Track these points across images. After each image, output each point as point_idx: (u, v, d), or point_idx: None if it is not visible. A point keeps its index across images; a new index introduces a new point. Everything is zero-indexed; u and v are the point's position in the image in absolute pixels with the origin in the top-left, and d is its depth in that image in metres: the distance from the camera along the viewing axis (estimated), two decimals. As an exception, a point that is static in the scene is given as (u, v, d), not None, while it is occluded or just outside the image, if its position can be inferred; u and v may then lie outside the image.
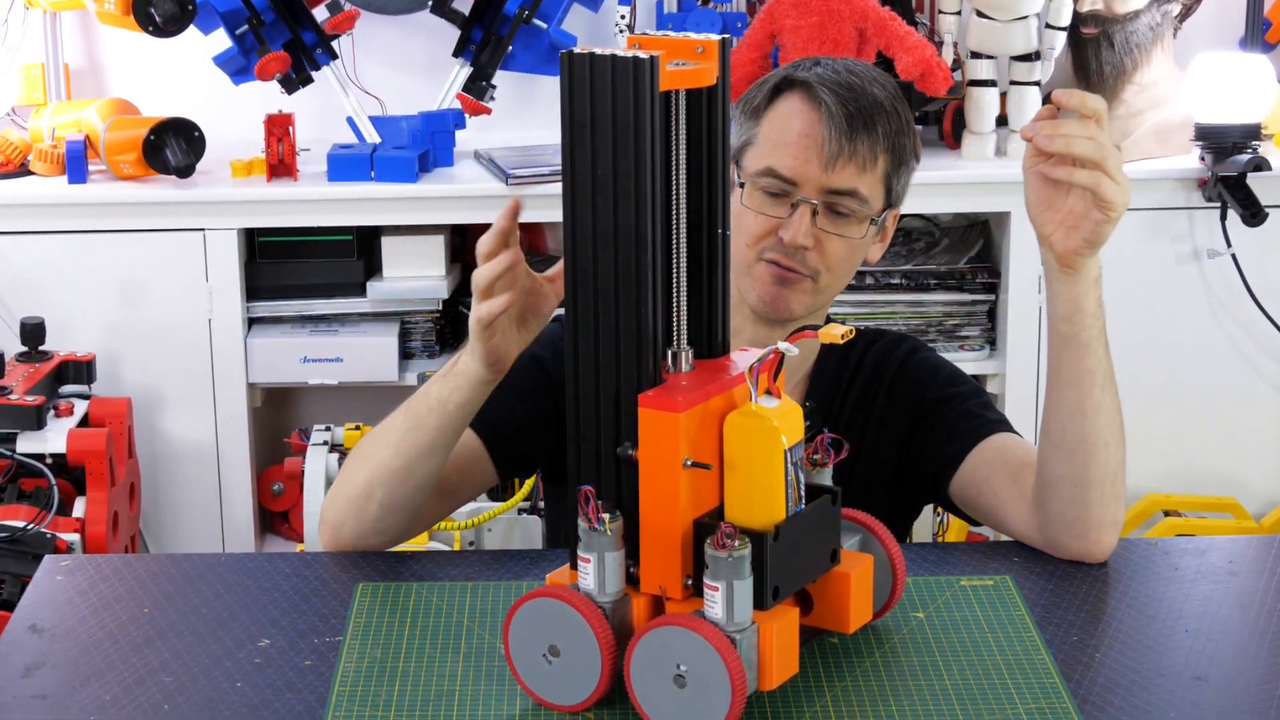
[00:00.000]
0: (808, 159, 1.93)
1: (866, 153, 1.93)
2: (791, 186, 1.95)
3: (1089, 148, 1.72)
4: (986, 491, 1.94)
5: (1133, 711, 1.57)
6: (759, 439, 1.50)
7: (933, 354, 2.11)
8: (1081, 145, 1.72)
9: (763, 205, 1.96)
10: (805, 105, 1.95)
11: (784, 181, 1.95)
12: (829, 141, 1.92)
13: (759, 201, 1.96)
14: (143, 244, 3.25)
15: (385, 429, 1.89)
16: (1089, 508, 1.82)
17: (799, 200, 1.94)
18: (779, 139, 1.95)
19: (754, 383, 1.51)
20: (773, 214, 1.95)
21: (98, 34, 3.59)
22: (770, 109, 1.98)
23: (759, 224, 1.96)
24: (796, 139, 1.94)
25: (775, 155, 1.95)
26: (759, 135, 1.98)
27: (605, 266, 1.49)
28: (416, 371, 3.32)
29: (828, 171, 1.93)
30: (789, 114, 1.96)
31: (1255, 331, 3.37)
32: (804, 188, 1.94)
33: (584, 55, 1.47)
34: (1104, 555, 1.84)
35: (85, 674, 1.64)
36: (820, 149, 1.93)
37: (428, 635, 1.72)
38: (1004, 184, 3.32)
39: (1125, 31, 3.36)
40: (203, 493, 3.36)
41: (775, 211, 1.96)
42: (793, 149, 1.94)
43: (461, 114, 3.39)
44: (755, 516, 1.51)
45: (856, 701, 1.58)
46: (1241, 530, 3.35)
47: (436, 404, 1.83)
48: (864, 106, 1.93)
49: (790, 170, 1.94)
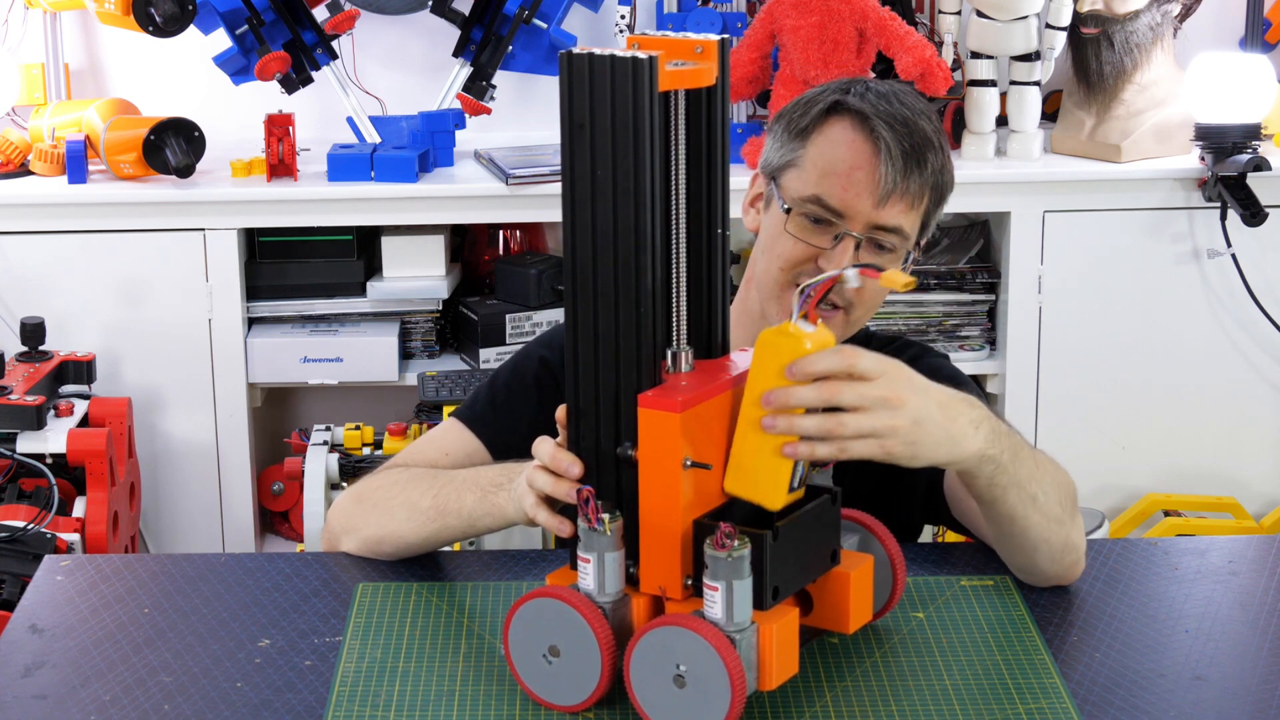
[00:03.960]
0: (859, 193, 1.87)
1: (916, 191, 1.88)
2: (838, 218, 1.89)
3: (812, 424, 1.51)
4: (968, 512, 1.88)
5: (1133, 711, 1.57)
6: (789, 356, 1.49)
7: (935, 359, 2.05)
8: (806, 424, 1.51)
9: (805, 232, 1.90)
10: (859, 136, 1.88)
11: (831, 212, 1.89)
12: (885, 180, 1.86)
13: (801, 227, 1.90)
14: (143, 244, 3.25)
15: (408, 496, 1.87)
16: (1043, 572, 1.79)
17: (844, 233, 1.88)
18: (829, 168, 1.89)
19: (799, 303, 1.50)
20: (814, 242, 1.90)
21: (98, 34, 3.59)
22: (818, 132, 1.90)
23: (797, 250, 1.91)
24: (849, 171, 1.88)
25: (824, 184, 1.89)
26: (805, 159, 1.91)
27: (605, 266, 1.49)
28: (416, 371, 3.32)
29: (879, 208, 1.87)
30: (841, 142, 1.89)
31: (1255, 331, 3.37)
32: (851, 221, 1.88)
33: (583, 55, 1.47)
34: (1075, 578, 1.82)
35: (85, 674, 1.64)
36: (875, 185, 1.87)
37: (428, 635, 1.72)
38: (1004, 184, 3.32)
39: (1125, 31, 3.36)
40: (203, 493, 3.36)
41: (818, 240, 1.90)
42: (844, 180, 1.88)
43: (461, 114, 3.39)
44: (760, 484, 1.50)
45: (856, 701, 1.58)
46: (1241, 530, 3.35)
47: (467, 517, 1.82)
48: (918, 144, 1.88)
49: (840, 202, 1.88)
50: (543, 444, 1.60)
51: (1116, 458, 3.42)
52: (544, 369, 2.03)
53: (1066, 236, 3.32)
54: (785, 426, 1.49)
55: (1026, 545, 1.74)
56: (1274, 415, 3.43)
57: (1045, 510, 1.71)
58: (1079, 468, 3.29)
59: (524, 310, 3.40)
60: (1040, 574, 1.79)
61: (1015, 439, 1.68)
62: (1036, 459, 1.71)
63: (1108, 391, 3.39)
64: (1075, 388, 3.38)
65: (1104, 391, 3.39)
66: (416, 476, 1.89)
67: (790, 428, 1.49)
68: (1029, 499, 1.69)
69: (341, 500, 1.95)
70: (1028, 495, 1.68)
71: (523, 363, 2.07)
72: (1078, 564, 1.80)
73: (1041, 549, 1.75)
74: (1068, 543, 1.76)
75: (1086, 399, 3.38)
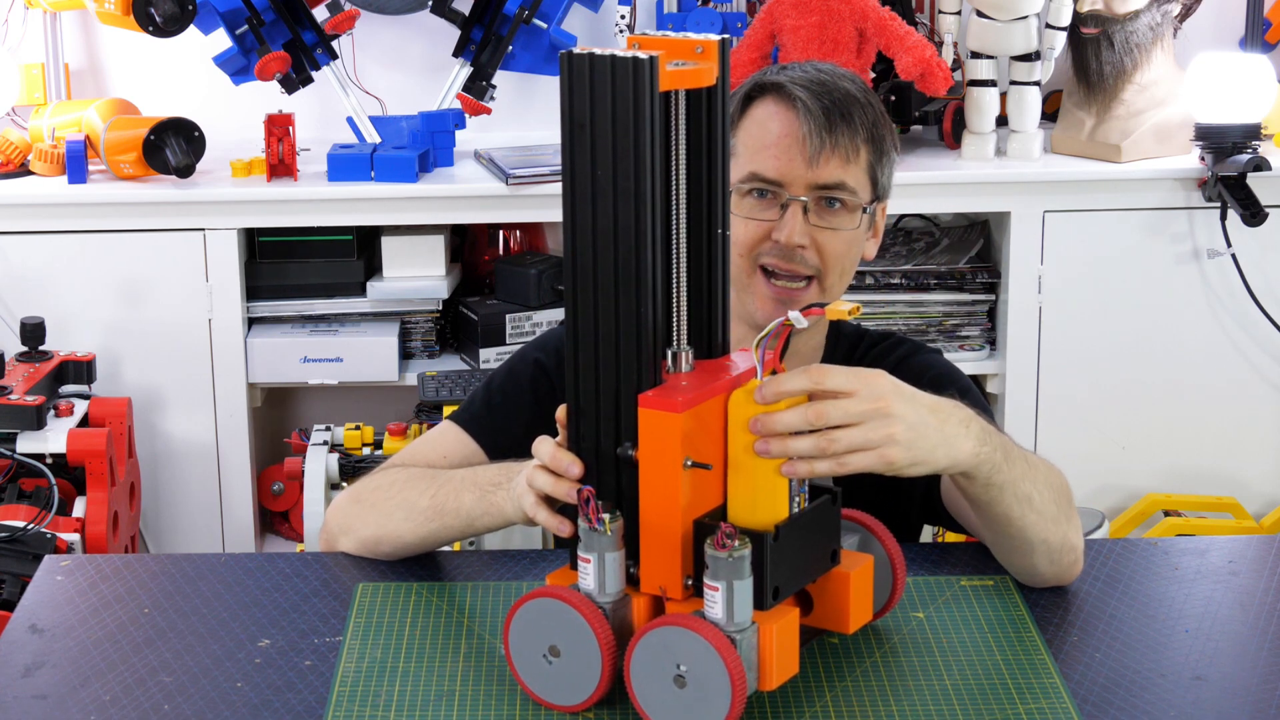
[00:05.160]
0: (790, 158, 1.92)
1: (848, 144, 1.92)
2: (778, 188, 1.93)
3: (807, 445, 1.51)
4: (965, 514, 1.87)
5: (1133, 711, 1.57)
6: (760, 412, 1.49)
7: (930, 356, 2.06)
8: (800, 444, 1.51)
9: (752, 210, 1.94)
10: (780, 107, 1.93)
11: (770, 184, 1.93)
12: (810, 137, 1.91)
13: (748, 208, 1.94)
14: (143, 244, 3.25)
15: (406, 496, 1.87)
16: (1041, 573, 1.78)
17: (788, 200, 1.93)
18: (758, 144, 1.93)
19: (760, 360, 1.51)
20: (763, 218, 1.94)
21: (98, 34, 3.59)
22: (745, 117, 1.96)
23: (750, 230, 1.94)
24: (776, 140, 1.92)
25: (757, 160, 1.93)
26: (737, 145, 1.95)
27: (605, 266, 1.49)
28: (416, 371, 3.32)
29: (812, 167, 1.91)
30: (765, 118, 1.94)
31: (1255, 331, 3.37)
32: (791, 187, 1.92)
33: (583, 55, 1.47)
34: (1073, 579, 1.81)
35: (85, 674, 1.64)
36: (802, 146, 1.91)
37: (428, 635, 1.72)
38: (1004, 184, 3.32)
39: (1125, 31, 3.36)
40: (203, 493, 3.36)
41: (766, 215, 1.94)
42: (774, 150, 1.92)
43: (461, 114, 3.39)
44: (759, 498, 1.50)
45: (856, 701, 1.58)
46: (1241, 530, 3.35)
47: (465, 517, 1.82)
48: (838, 100, 1.92)
49: (775, 171, 1.92)
50: (543, 444, 1.60)
51: (1116, 458, 3.42)
52: (539, 371, 2.03)
53: (1066, 236, 3.32)
54: (780, 449, 1.49)
55: (1024, 546, 1.74)
56: (1274, 415, 3.43)
57: (1040, 509, 1.70)
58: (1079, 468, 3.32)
59: (524, 310, 3.40)
60: (1039, 575, 1.79)
61: (1004, 439, 1.68)
62: (1028, 459, 1.71)
63: (1108, 391, 3.39)
64: (1075, 388, 3.38)
65: (1104, 391, 3.39)
66: (414, 476, 1.89)
67: (784, 450, 1.49)
68: (1024, 499, 1.68)
69: (339, 500, 1.95)
70: (1022, 495, 1.68)
71: (518, 365, 2.07)
72: (1076, 564, 1.80)
73: (1039, 549, 1.74)
74: (1065, 542, 1.75)
75: (1086, 399, 3.38)
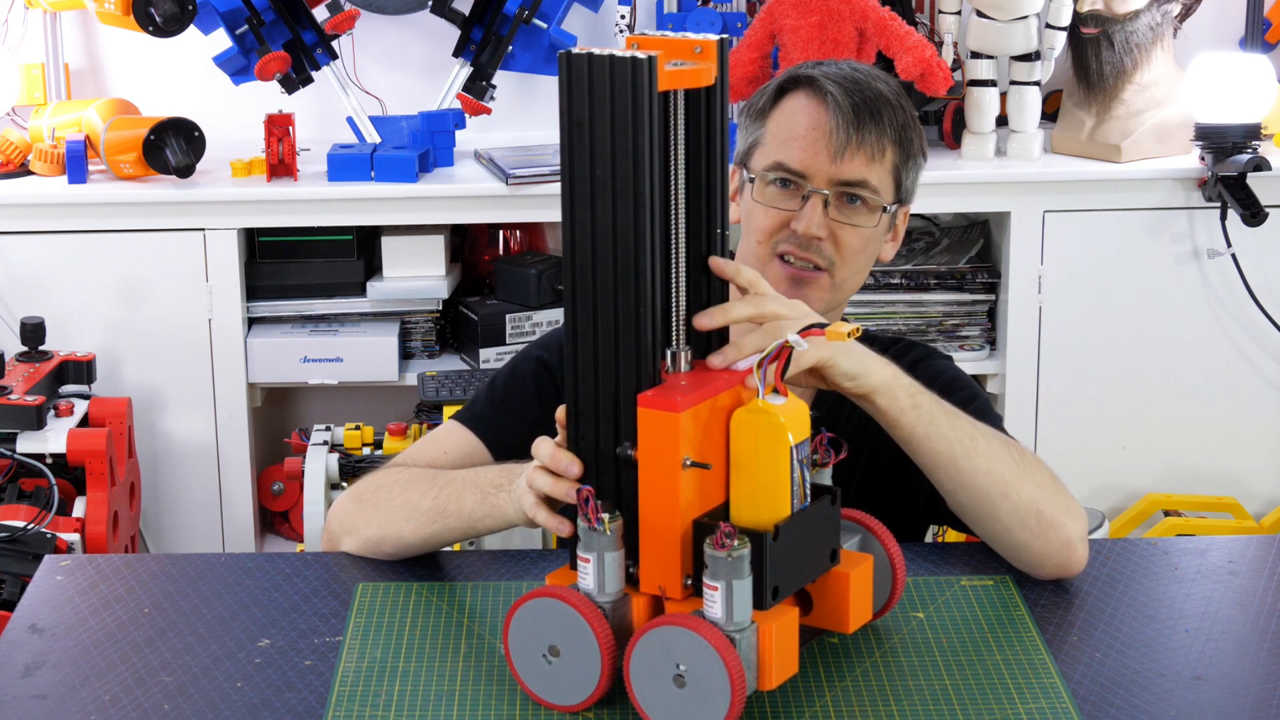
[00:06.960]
0: (816, 150, 1.94)
1: (874, 143, 1.94)
2: (801, 179, 1.95)
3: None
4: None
5: (1133, 711, 1.57)
6: (766, 436, 1.50)
7: (937, 360, 2.06)
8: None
9: (774, 199, 1.97)
10: (811, 100, 1.96)
11: (793, 174, 1.96)
12: (837, 132, 1.93)
13: (769, 196, 1.97)
14: (143, 244, 3.25)
15: (408, 497, 1.87)
16: (1027, 548, 1.79)
17: (810, 191, 1.95)
18: (786, 135, 1.97)
19: (761, 380, 1.51)
20: (784, 207, 1.96)
21: (98, 34, 3.59)
22: (776, 108, 1.99)
23: (770, 218, 1.97)
24: (804, 132, 1.95)
25: (783, 150, 1.96)
26: (766, 134, 1.99)
27: (605, 266, 1.49)
28: (416, 371, 3.32)
29: (836, 162, 1.94)
30: (795, 110, 1.97)
31: (1255, 331, 3.37)
32: (814, 179, 1.95)
33: (583, 55, 1.47)
34: (1077, 570, 1.81)
35: (85, 674, 1.64)
36: (829, 140, 1.94)
37: (428, 635, 1.72)
38: (1004, 184, 3.32)
39: (1125, 31, 3.36)
40: (203, 493, 3.36)
41: (786, 205, 1.96)
42: (801, 142, 1.95)
43: (461, 114, 3.39)
44: (761, 514, 1.51)
45: (856, 701, 1.58)
46: (1241, 530, 3.35)
47: (467, 518, 1.82)
48: (869, 98, 1.95)
49: (799, 163, 1.95)
50: (542, 444, 1.60)
51: (1116, 458, 3.42)
52: (542, 369, 2.04)
53: (1066, 236, 3.32)
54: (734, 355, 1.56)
55: (986, 503, 1.75)
56: (1274, 415, 3.43)
57: (989, 456, 1.74)
58: (1079, 468, 3.33)
59: (524, 310, 3.40)
60: (1025, 549, 1.78)
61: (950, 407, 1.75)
62: (979, 428, 1.76)
63: (1108, 391, 3.39)
64: (1075, 388, 3.38)
65: (1104, 391, 3.39)
66: (416, 477, 1.89)
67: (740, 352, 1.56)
68: (966, 439, 1.73)
69: (341, 500, 1.95)
70: (963, 434, 1.74)
71: (521, 364, 2.07)
72: (1067, 547, 1.78)
73: (1004, 508, 1.75)
74: (1035, 509, 1.75)
75: (1086, 399, 3.38)
